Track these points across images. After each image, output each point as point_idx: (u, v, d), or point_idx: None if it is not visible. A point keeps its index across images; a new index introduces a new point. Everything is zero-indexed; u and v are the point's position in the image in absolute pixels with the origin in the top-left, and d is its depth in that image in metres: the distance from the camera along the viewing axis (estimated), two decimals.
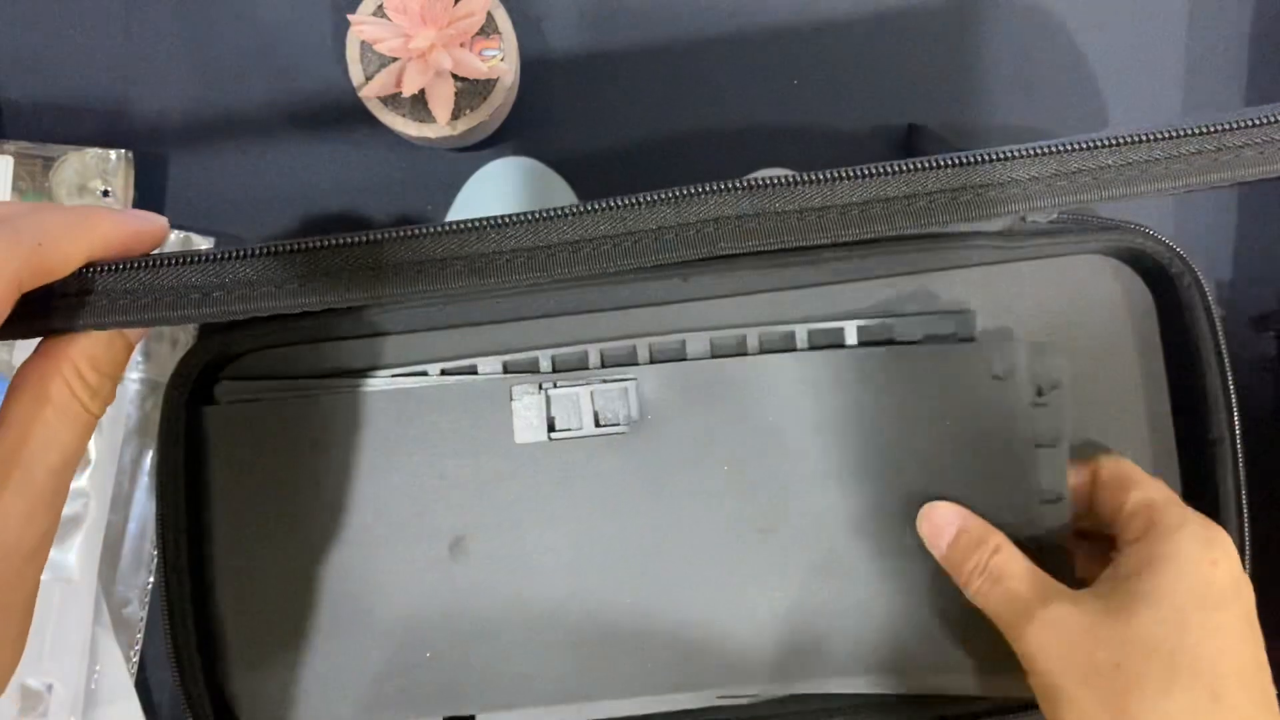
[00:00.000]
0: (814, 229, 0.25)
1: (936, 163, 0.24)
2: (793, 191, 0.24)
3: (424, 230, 0.25)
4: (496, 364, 0.40)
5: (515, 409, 0.39)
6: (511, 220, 0.24)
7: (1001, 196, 0.24)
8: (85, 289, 0.24)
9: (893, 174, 0.24)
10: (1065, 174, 0.24)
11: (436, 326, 0.41)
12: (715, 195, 0.25)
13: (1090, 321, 0.41)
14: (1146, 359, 0.41)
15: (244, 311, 0.25)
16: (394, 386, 0.40)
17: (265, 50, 0.47)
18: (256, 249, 0.25)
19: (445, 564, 0.39)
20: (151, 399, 0.43)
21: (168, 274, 0.24)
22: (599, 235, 0.25)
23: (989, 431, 0.37)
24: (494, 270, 0.25)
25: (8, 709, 0.41)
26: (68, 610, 0.41)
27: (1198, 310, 0.39)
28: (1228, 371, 0.39)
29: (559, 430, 0.39)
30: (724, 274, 0.40)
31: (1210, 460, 0.39)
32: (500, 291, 0.30)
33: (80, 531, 0.41)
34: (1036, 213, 0.30)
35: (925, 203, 0.24)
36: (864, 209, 0.24)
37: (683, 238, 0.25)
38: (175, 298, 0.24)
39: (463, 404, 0.40)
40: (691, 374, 0.40)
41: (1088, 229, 0.40)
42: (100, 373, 0.24)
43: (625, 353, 0.40)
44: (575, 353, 0.40)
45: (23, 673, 0.41)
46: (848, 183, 0.24)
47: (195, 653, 0.39)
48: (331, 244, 0.25)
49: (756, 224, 0.25)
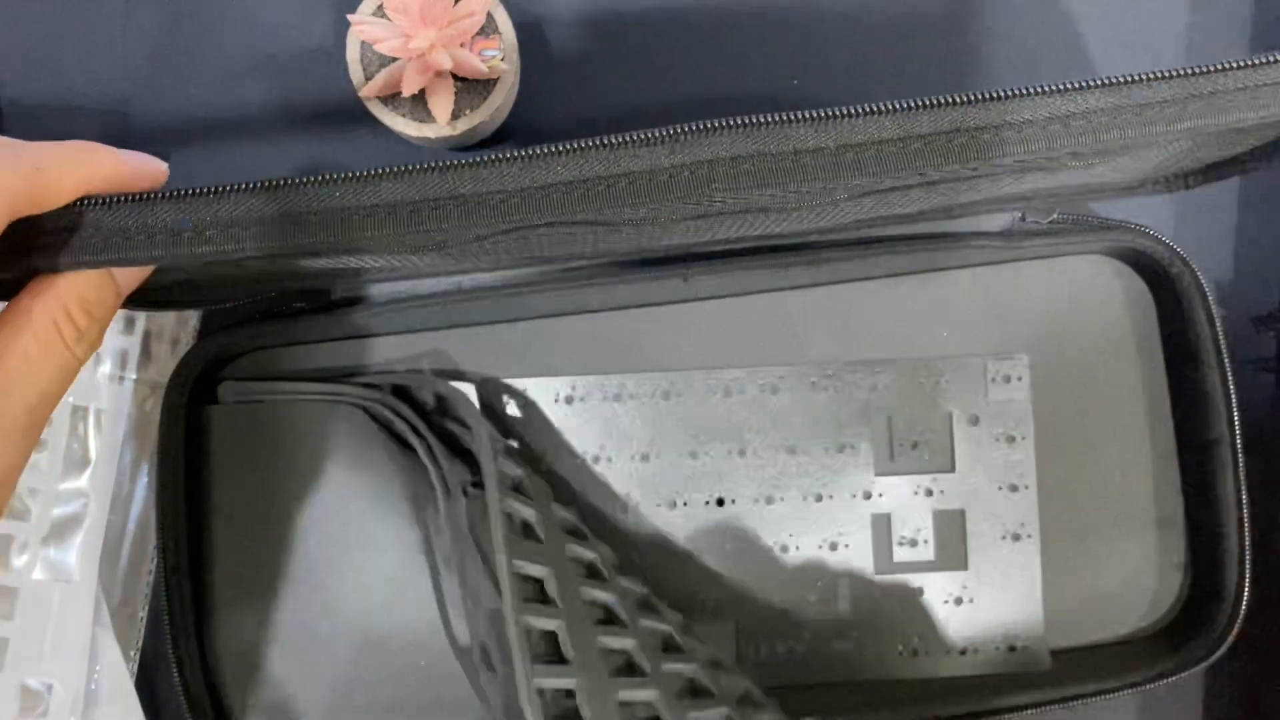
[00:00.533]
0: (808, 172, 0.25)
1: (931, 101, 0.24)
2: (786, 130, 0.24)
3: (421, 166, 0.24)
4: None
5: None
6: (508, 158, 0.24)
7: (995, 140, 0.24)
8: (76, 224, 0.23)
9: (887, 113, 0.24)
10: (1059, 118, 0.24)
11: (439, 326, 0.41)
12: (709, 134, 0.24)
13: (1090, 321, 0.41)
14: (1146, 359, 0.41)
15: (236, 251, 0.24)
16: None
17: (265, 50, 0.47)
18: (252, 183, 0.24)
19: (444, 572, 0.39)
20: (152, 399, 0.43)
21: (162, 210, 0.24)
22: (593, 175, 0.24)
23: None
24: (487, 211, 0.24)
25: (7, 709, 0.41)
26: (68, 610, 0.41)
27: (1197, 310, 0.39)
28: (1228, 371, 0.39)
29: None
30: (724, 274, 0.40)
31: (1210, 460, 0.39)
32: (494, 244, 0.30)
33: (80, 531, 0.41)
34: (1030, 173, 0.30)
35: (919, 145, 0.24)
36: (858, 151, 0.24)
37: (676, 180, 0.24)
38: (168, 236, 0.24)
39: (465, 411, 0.40)
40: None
41: (1088, 229, 0.40)
42: (89, 315, 0.24)
43: None
44: None
45: (22, 673, 0.41)
46: (842, 121, 0.24)
47: (195, 653, 0.39)
48: (327, 180, 0.24)
49: (750, 165, 0.24)
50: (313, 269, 0.35)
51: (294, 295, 0.41)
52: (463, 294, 0.40)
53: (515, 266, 0.40)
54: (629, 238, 0.33)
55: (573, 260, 0.40)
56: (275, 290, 0.40)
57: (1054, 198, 0.39)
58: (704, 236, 0.36)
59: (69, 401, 0.42)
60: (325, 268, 0.35)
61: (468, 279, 0.40)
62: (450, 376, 0.41)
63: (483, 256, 0.35)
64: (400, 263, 0.35)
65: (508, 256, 0.36)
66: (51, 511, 0.41)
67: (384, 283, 0.40)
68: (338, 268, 0.35)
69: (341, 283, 0.40)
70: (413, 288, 0.40)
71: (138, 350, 0.43)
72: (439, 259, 0.35)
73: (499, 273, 0.40)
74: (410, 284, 0.40)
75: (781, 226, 0.35)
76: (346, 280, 0.40)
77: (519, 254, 0.35)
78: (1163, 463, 0.41)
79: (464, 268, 0.38)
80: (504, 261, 0.38)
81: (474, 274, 0.40)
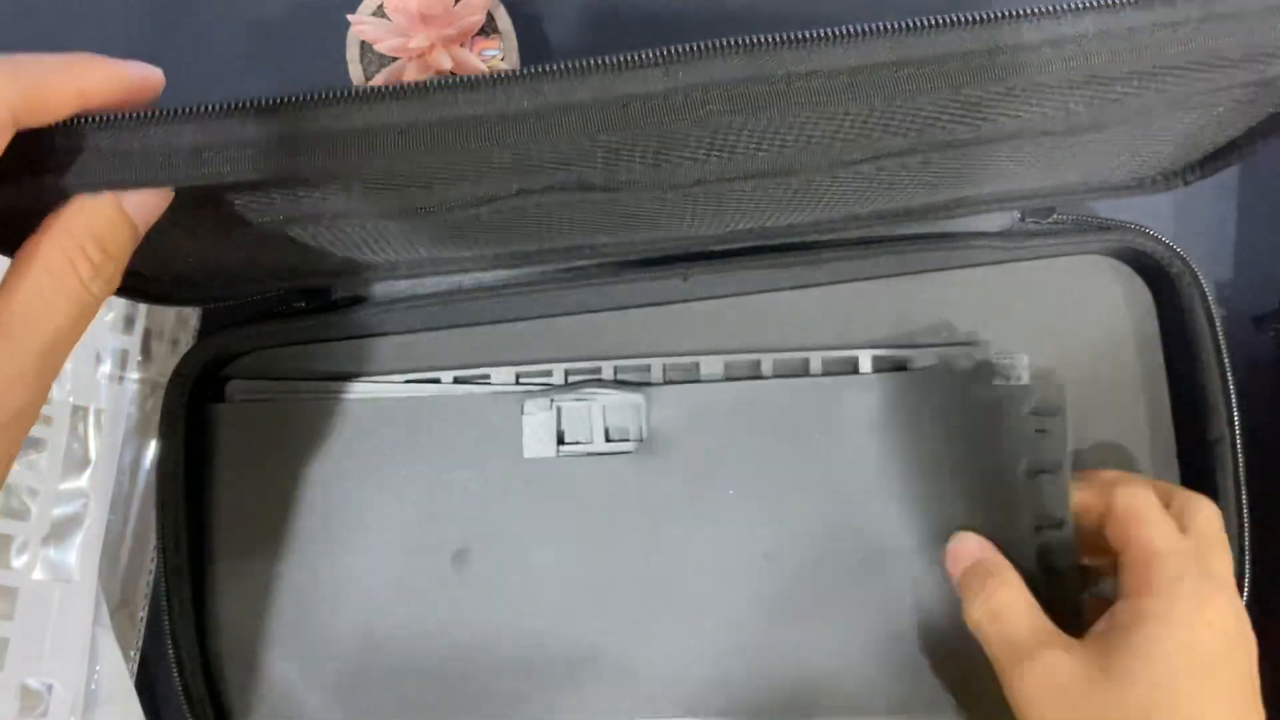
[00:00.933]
0: (802, 97, 0.25)
1: (922, 23, 0.24)
2: (781, 54, 0.24)
3: (420, 85, 0.24)
4: (510, 374, 0.40)
5: (525, 423, 0.39)
6: (510, 78, 0.24)
7: (988, 65, 0.24)
8: (76, 145, 0.23)
9: (880, 34, 0.24)
10: (1052, 41, 0.24)
11: (439, 326, 0.41)
12: (704, 56, 0.24)
13: (1090, 321, 0.41)
14: (1146, 359, 0.41)
15: (231, 175, 0.24)
16: (406, 394, 0.40)
17: (265, 50, 0.47)
18: (249, 102, 0.24)
19: (447, 576, 0.39)
20: (152, 399, 0.43)
21: (159, 131, 0.24)
22: (588, 100, 0.24)
23: (992, 460, 0.37)
24: (482, 136, 0.24)
25: (7, 709, 0.41)
26: (68, 610, 0.41)
27: (1197, 310, 0.39)
28: (1228, 371, 0.39)
29: (568, 444, 0.39)
30: (724, 274, 0.40)
31: (1210, 460, 0.39)
32: (492, 213, 0.30)
33: (80, 531, 0.41)
34: (1029, 142, 0.30)
35: (912, 71, 0.24)
36: (851, 76, 0.24)
37: (671, 103, 0.24)
38: (165, 158, 0.24)
39: (472, 416, 0.39)
40: (702, 396, 0.39)
41: (1088, 229, 0.40)
42: (104, 252, 0.24)
43: (638, 370, 0.40)
44: (589, 366, 0.40)
45: (22, 673, 0.41)
46: (836, 43, 0.24)
47: (195, 653, 0.39)
48: (325, 97, 0.24)
49: (744, 89, 0.25)
50: (309, 258, 0.35)
51: (294, 295, 0.41)
52: (463, 294, 0.40)
53: (515, 265, 0.40)
54: (629, 211, 0.33)
55: (573, 259, 0.40)
56: (275, 289, 0.40)
57: (1056, 195, 0.39)
58: (705, 226, 0.36)
59: (69, 401, 0.42)
60: (323, 253, 0.35)
61: (468, 279, 0.40)
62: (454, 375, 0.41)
63: (480, 237, 0.35)
64: (398, 247, 0.35)
65: (504, 241, 0.36)
66: (51, 511, 0.41)
67: (384, 282, 0.40)
68: (336, 256, 0.35)
69: (342, 282, 0.40)
70: (413, 288, 0.40)
71: (138, 350, 0.43)
72: (432, 241, 0.34)
73: (499, 273, 0.40)
74: (410, 284, 0.40)
75: (781, 214, 0.35)
76: (346, 280, 0.40)
77: (517, 233, 0.34)
78: (1163, 463, 0.41)
79: (461, 256, 0.37)
80: (502, 251, 0.38)
81: (474, 274, 0.40)
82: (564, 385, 0.40)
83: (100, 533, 0.42)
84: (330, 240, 0.33)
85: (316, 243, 0.33)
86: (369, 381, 0.40)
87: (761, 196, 0.33)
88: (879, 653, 0.38)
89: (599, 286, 0.40)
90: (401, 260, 0.38)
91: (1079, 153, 0.33)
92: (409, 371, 0.41)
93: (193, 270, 0.35)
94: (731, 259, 0.40)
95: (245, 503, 0.40)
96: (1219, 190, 0.46)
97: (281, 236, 0.32)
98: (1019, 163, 0.33)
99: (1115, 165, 0.36)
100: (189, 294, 0.38)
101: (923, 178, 0.33)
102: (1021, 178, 0.36)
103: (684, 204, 0.32)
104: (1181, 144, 0.34)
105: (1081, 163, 0.35)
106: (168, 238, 0.28)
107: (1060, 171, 0.36)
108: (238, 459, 0.40)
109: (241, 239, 0.31)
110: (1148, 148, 0.34)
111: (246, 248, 0.33)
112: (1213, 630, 0.30)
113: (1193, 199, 0.46)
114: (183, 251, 0.33)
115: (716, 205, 0.33)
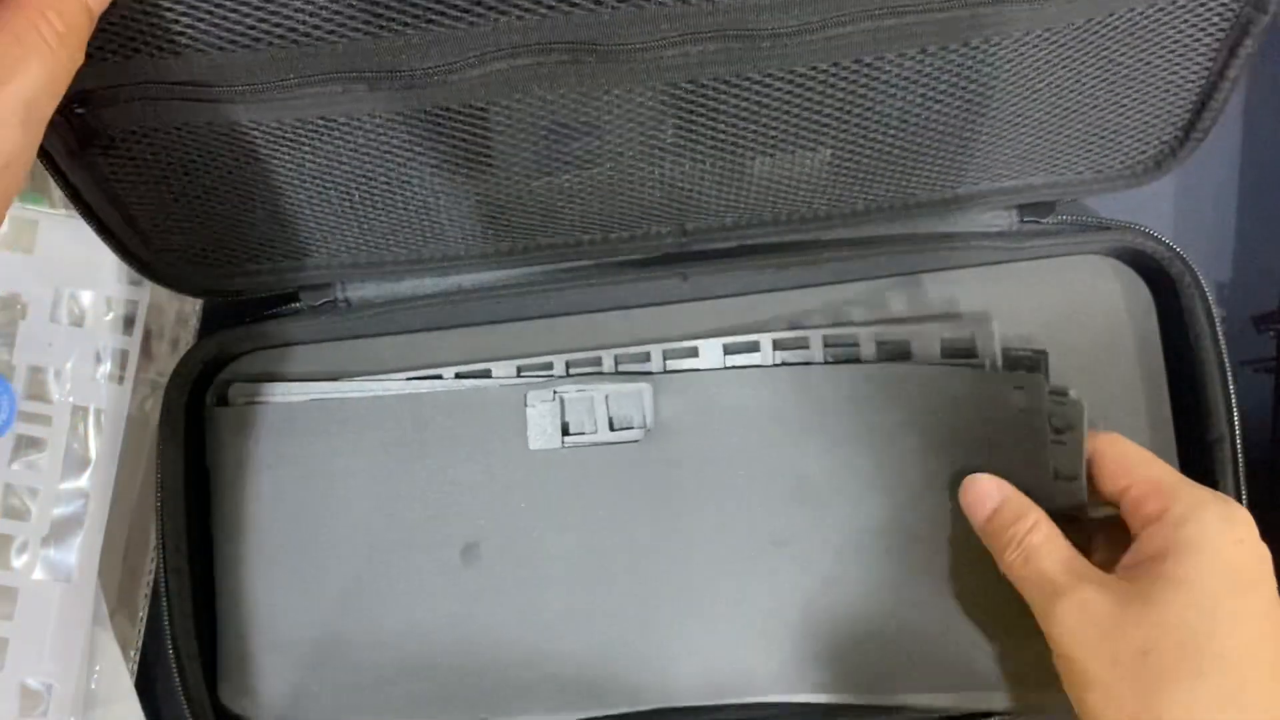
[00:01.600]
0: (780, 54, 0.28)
1: None
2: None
3: None
4: (511, 368, 0.40)
5: (529, 415, 0.39)
6: None
7: (954, 20, 0.25)
8: None
9: None
10: None
11: (439, 326, 0.41)
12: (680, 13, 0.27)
13: (1090, 321, 0.41)
14: (1146, 359, 0.41)
15: None
16: (408, 390, 0.40)
17: None
18: None
19: (457, 570, 0.39)
20: (151, 399, 0.43)
21: None
22: (585, 40, 0.26)
23: (1005, 448, 0.37)
24: None
25: (7, 709, 0.41)
26: (68, 610, 0.41)
27: (1198, 310, 0.39)
28: (1227, 372, 0.39)
29: (572, 435, 0.39)
30: (723, 274, 0.40)
31: (1210, 460, 0.39)
32: (482, 79, 0.31)
33: (80, 531, 0.41)
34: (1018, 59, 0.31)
35: (894, 22, 0.25)
36: (824, 33, 0.27)
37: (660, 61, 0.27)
38: None
39: (476, 409, 0.39)
40: (710, 383, 0.39)
41: (1088, 229, 0.40)
42: (64, 20, 0.25)
43: (639, 358, 0.40)
44: (589, 357, 0.40)
45: (22, 673, 0.41)
46: None
47: (195, 653, 0.39)
48: None
49: (723, 54, 0.27)
50: (311, 217, 0.36)
51: (292, 296, 0.41)
52: (463, 294, 0.40)
53: (515, 265, 0.40)
54: (620, 144, 0.33)
55: (573, 256, 0.40)
56: (278, 277, 0.40)
57: (1056, 187, 0.39)
58: (702, 173, 0.36)
59: (69, 402, 0.42)
60: (324, 212, 0.36)
61: (468, 279, 0.40)
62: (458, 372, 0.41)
63: (479, 166, 0.34)
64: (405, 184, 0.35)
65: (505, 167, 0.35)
66: (51, 511, 0.41)
67: (384, 283, 0.40)
68: (333, 223, 0.37)
69: (343, 283, 0.40)
70: (413, 288, 0.40)
71: (138, 350, 0.43)
72: (439, 165, 0.34)
73: (499, 273, 0.40)
74: (410, 284, 0.40)
75: (782, 149, 0.35)
76: (347, 280, 0.40)
77: (509, 119, 0.33)
78: None
79: (461, 241, 0.38)
80: (501, 231, 0.38)
81: (474, 274, 0.40)
82: (566, 375, 0.40)
83: (100, 533, 0.42)
84: (333, 175, 0.34)
85: (320, 189, 0.35)
86: (370, 380, 0.40)
87: (759, 104, 0.33)
88: (895, 633, 0.38)
89: (599, 287, 0.40)
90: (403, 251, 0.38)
91: (1074, 88, 0.35)
92: (410, 370, 0.41)
93: (195, 225, 0.36)
94: (731, 259, 0.40)
95: (248, 504, 0.40)
96: (1219, 190, 0.46)
97: (283, 172, 0.34)
98: (1021, 94, 0.34)
99: (1110, 124, 0.37)
100: (192, 269, 0.39)
101: (921, 92, 0.33)
102: (1018, 133, 0.36)
103: (669, 109, 0.33)
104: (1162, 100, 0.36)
105: (1074, 106, 0.36)
106: (175, 170, 0.30)
107: (1056, 128, 0.37)
108: (241, 462, 0.40)
109: (244, 171, 0.33)
110: (1139, 93, 0.36)
111: (249, 187, 0.34)
112: (1243, 547, 0.31)
113: (1193, 199, 0.46)
114: (188, 194, 0.34)
115: (709, 115, 0.33)
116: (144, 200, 0.35)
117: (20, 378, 0.41)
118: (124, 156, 0.33)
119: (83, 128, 0.31)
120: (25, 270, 0.41)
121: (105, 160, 0.33)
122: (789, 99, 0.32)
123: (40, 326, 0.42)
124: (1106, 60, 0.34)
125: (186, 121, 0.31)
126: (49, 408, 0.42)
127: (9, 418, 0.41)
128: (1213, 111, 0.36)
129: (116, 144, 0.32)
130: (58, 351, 0.42)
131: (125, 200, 0.35)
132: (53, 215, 0.42)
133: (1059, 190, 0.39)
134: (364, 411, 0.40)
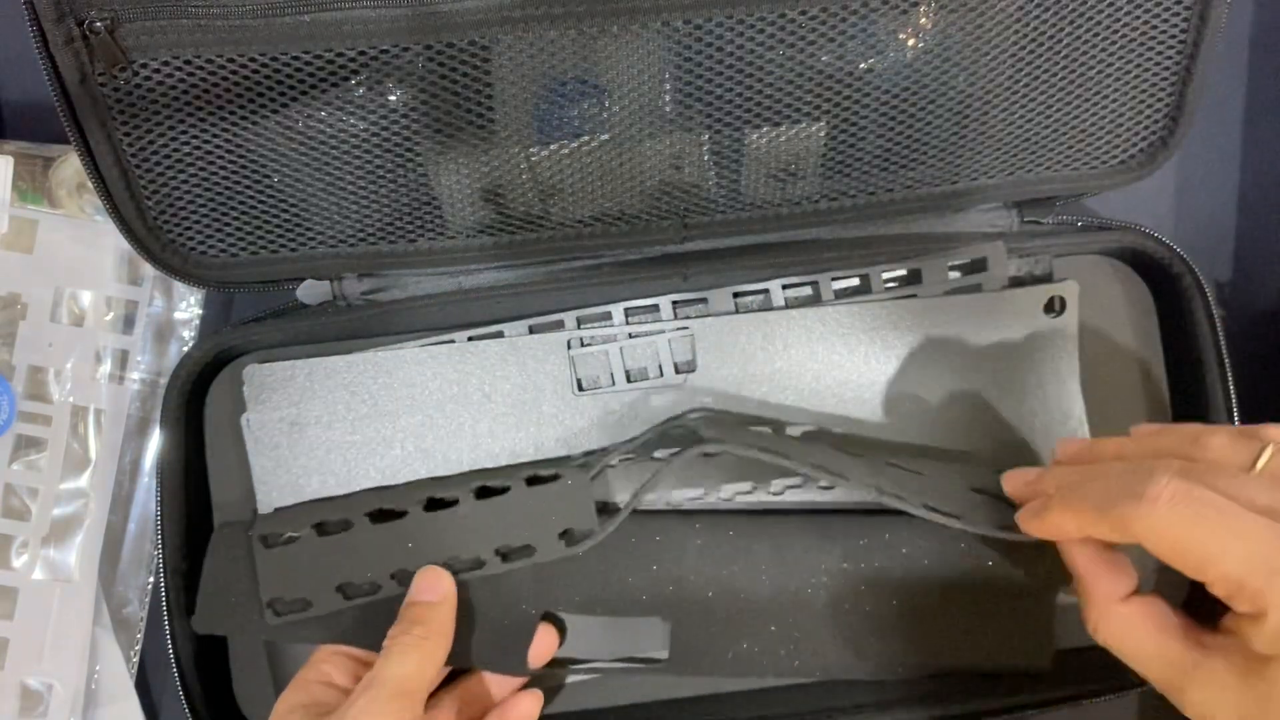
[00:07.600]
0: None
1: None
2: None
3: None
4: (523, 328, 0.40)
5: (575, 359, 0.39)
6: None
7: None
8: None
9: None
10: None
11: (439, 327, 0.41)
12: None
13: (1090, 321, 0.41)
14: (1146, 359, 0.41)
15: None
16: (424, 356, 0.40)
17: None
18: None
19: None
20: (152, 399, 0.43)
21: None
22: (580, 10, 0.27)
23: (1024, 373, 0.38)
24: None
25: (7, 709, 0.41)
26: (68, 610, 0.41)
27: (1198, 310, 0.39)
28: (1228, 371, 0.39)
29: (633, 381, 0.39)
30: (724, 273, 0.40)
31: None
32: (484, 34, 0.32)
33: (80, 531, 0.41)
34: None
35: None
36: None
37: None
38: None
39: (524, 355, 0.39)
40: (754, 321, 0.39)
41: (1088, 229, 0.40)
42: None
43: (648, 310, 0.40)
44: (600, 313, 0.40)
45: (22, 673, 0.41)
46: None
47: (195, 652, 0.39)
48: None
49: None
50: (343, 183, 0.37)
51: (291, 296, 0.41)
52: (463, 294, 0.40)
53: (517, 261, 0.40)
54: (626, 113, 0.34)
55: (574, 251, 0.40)
56: (298, 247, 0.40)
57: (1054, 180, 0.39)
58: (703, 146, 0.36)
59: (69, 402, 0.42)
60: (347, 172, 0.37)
61: (468, 279, 0.40)
62: None
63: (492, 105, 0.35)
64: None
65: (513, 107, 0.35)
66: (51, 511, 0.41)
67: (385, 281, 0.40)
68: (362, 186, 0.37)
69: (342, 281, 0.40)
70: (413, 288, 0.40)
71: (138, 350, 0.43)
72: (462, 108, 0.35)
73: (499, 273, 0.40)
74: (411, 284, 0.40)
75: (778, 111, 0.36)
76: (347, 280, 0.40)
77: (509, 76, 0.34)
78: None
79: (470, 231, 0.38)
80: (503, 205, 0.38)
81: (475, 274, 0.40)
82: (576, 326, 0.40)
83: (100, 533, 0.42)
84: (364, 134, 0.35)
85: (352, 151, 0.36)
86: (386, 349, 0.40)
87: (753, 58, 0.34)
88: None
89: (599, 286, 0.40)
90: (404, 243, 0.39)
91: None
92: None
93: (195, 192, 0.37)
94: (732, 259, 0.40)
95: (246, 502, 0.40)
96: (1219, 190, 0.46)
97: (290, 135, 0.35)
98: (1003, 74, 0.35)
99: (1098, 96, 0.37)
100: (191, 249, 0.39)
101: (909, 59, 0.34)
102: (1008, 117, 0.37)
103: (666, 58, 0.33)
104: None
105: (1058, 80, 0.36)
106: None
107: (1045, 114, 0.37)
108: (239, 458, 0.40)
109: (249, 128, 0.34)
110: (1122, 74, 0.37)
111: (253, 149, 0.35)
112: None
113: (1193, 198, 0.46)
114: (192, 150, 0.35)
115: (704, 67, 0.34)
116: (147, 156, 0.36)
117: (20, 378, 0.41)
118: (133, 92, 0.34)
119: (101, 47, 0.32)
120: (25, 270, 0.41)
121: (113, 94, 0.34)
122: (781, 53, 0.33)
123: (40, 326, 0.42)
124: (1081, 42, 0.35)
125: (199, 43, 0.32)
126: (49, 408, 0.42)
127: (9, 418, 0.41)
128: (1195, 90, 0.36)
129: (129, 69, 0.33)
130: (58, 351, 0.42)
131: (128, 155, 0.36)
132: (53, 215, 0.42)
133: (1056, 185, 0.39)
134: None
